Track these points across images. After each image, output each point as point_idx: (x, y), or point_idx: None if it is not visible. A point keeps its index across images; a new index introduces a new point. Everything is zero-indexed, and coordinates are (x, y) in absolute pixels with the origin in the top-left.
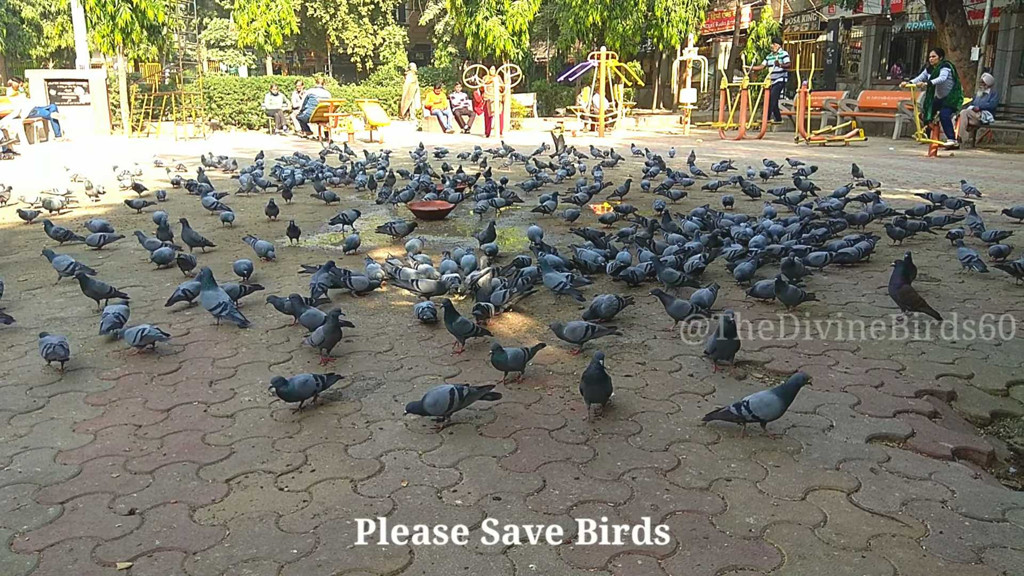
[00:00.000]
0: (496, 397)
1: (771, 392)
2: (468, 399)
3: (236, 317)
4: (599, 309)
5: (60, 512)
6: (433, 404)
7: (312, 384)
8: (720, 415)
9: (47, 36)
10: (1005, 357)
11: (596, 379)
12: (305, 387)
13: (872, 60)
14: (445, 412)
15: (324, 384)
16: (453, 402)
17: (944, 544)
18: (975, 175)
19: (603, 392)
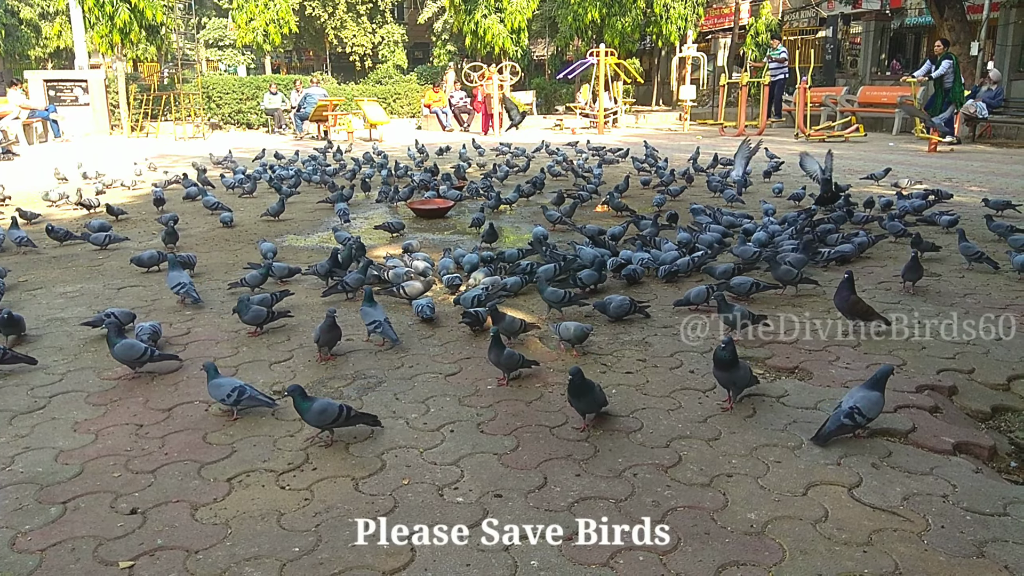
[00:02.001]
0: (377, 424)
1: (869, 389)
2: (352, 420)
3: (389, 334)
4: (607, 308)
5: (62, 512)
6: (320, 413)
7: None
8: (833, 432)
9: (46, 37)
10: (1006, 352)
11: (579, 391)
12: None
13: (871, 56)
14: (327, 424)
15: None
16: (339, 418)
17: (945, 539)
18: (975, 170)
19: (592, 403)
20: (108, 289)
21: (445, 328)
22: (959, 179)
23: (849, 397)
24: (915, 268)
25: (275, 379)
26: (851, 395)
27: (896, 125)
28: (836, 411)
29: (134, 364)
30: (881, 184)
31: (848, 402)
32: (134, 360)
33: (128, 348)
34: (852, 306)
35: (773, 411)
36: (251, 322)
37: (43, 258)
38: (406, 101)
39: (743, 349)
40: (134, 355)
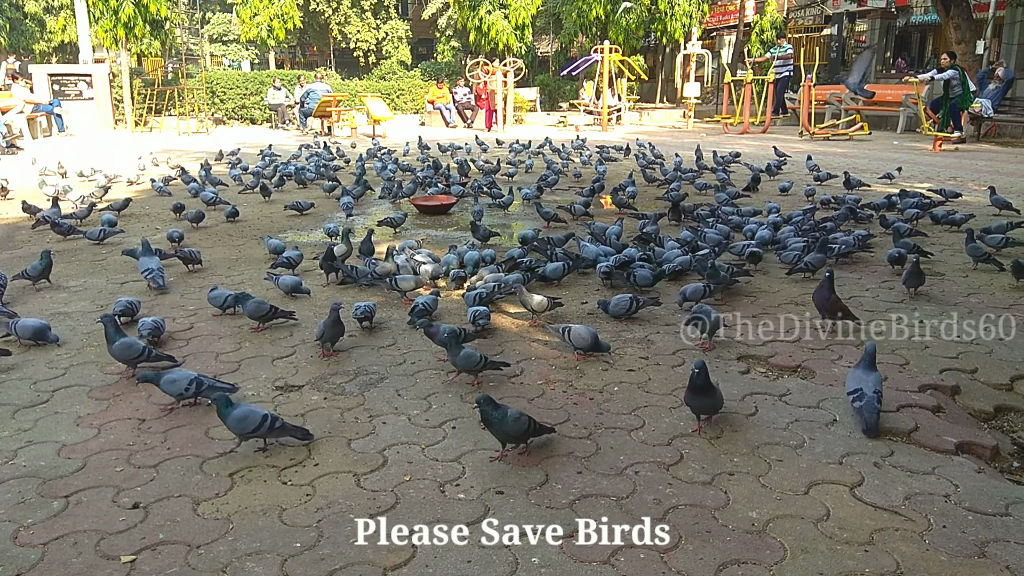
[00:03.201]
0: (309, 438)
1: (869, 369)
2: (277, 432)
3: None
4: (607, 308)
5: (64, 506)
6: (240, 420)
7: None
8: (877, 420)
9: (50, 31)
10: (1009, 352)
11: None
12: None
13: (877, 54)
14: (247, 433)
15: None
16: (261, 427)
17: (947, 538)
18: (980, 169)
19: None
20: (111, 284)
21: (447, 325)
22: (963, 178)
23: (860, 381)
24: (916, 274)
25: (278, 375)
26: (860, 379)
27: (901, 123)
28: (866, 400)
29: (131, 363)
30: (895, 184)
31: (868, 387)
32: (131, 359)
33: (126, 347)
34: (832, 305)
35: (775, 410)
36: (252, 315)
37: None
38: (410, 97)
39: (745, 348)
40: (132, 354)
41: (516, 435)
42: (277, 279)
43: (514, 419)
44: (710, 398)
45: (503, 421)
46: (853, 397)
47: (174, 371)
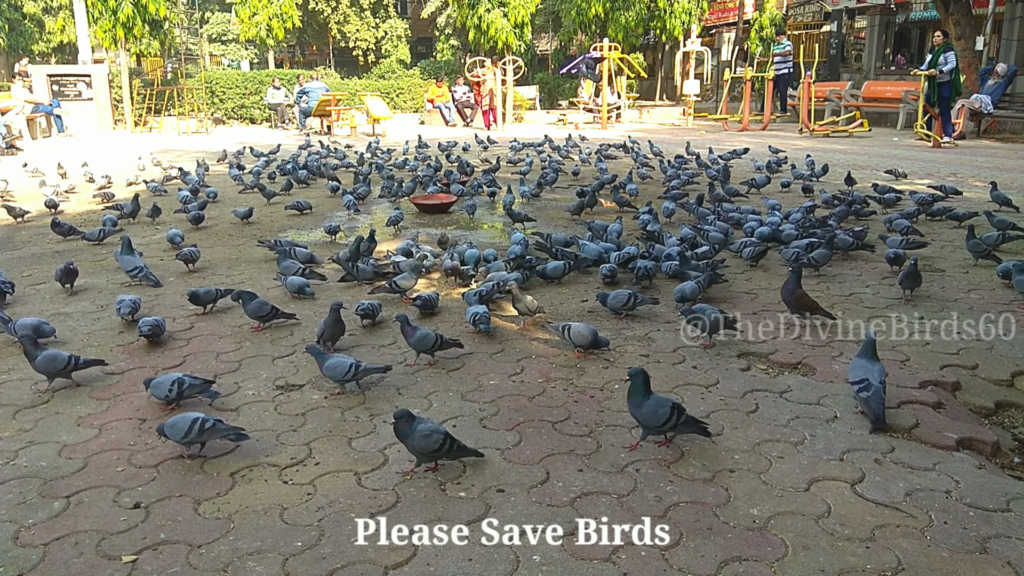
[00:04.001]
0: (244, 438)
1: (872, 360)
2: (209, 432)
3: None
4: (605, 301)
5: (65, 506)
6: (172, 427)
7: None
8: (881, 414)
9: (49, 31)
10: (1010, 347)
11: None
12: None
13: (876, 50)
14: (181, 439)
15: None
16: (191, 432)
17: (948, 534)
18: (980, 165)
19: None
20: (111, 284)
21: (447, 323)
22: (963, 174)
23: (865, 371)
24: (913, 276)
25: (278, 374)
26: (865, 369)
27: (900, 120)
28: (873, 390)
29: (57, 375)
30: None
31: (873, 377)
32: (57, 371)
33: (50, 360)
34: (797, 300)
35: (776, 406)
36: (253, 315)
37: (46, 252)
38: (409, 96)
39: (746, 345)
40: (57, 366)
41: (425, 452)
42: (285, 280)
43: (423, 436)
44: (637, 408)
45: (411, 436)
46: (859, 387)
47: (161, 376)
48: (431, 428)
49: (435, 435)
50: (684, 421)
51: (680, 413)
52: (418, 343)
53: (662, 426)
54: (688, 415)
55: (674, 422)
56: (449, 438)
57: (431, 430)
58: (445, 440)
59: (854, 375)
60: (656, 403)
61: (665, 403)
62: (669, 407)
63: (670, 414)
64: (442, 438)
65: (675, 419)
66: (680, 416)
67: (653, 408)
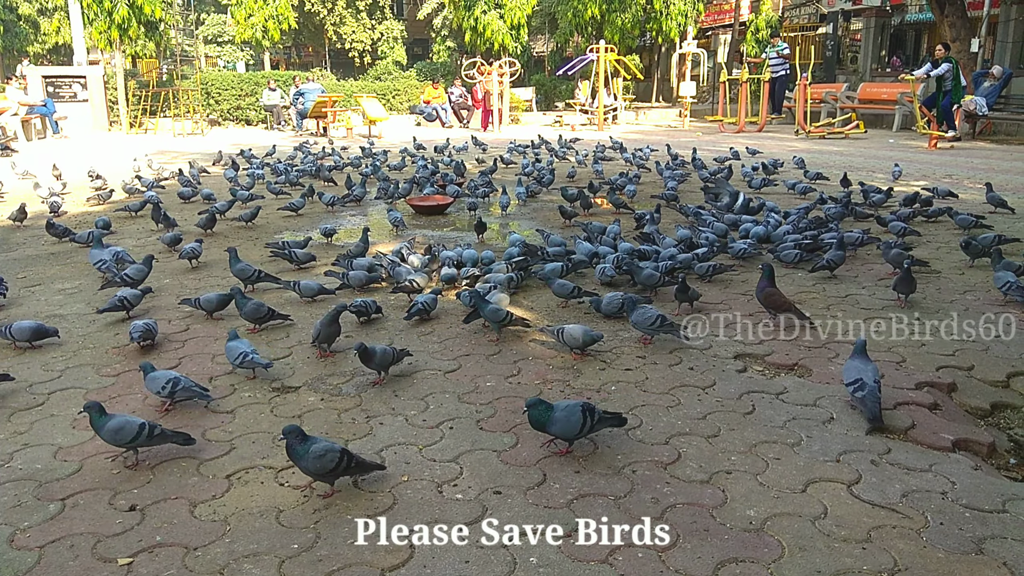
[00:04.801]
0: (191, 443)
1: (865, 360)
2: (158, 439)
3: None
4: (599, 306)
5: (61, 509)
6: (116, 432)
7: None
8: (877, 412)
9: (44, 33)
10: (1005, 349)
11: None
12: None
13: (872, 52)
14: (127, 443)
15: None
16: (139, 436)
17: (944, 535)
18: (975, 167)
19: (565, 428)
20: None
21: (444, 325)
22: (959, 176)
23: (860, 371)
24: (907, 281)
25: (273, 376)
26: (859, 370)
27: (896, 122)
28: (868, 389)
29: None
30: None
31: (868, 377)
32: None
33: (116, 430)
34: (767, 298)
35: (772, 408)
36: (249, 317)
37: (41, 254)
38: (405, 97)
39: (742, 346)
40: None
41: (319, 472)
42: (298, 284)
43: (317, 456)
44: (552, 425)
45: (304, 457)
46: (854, 388)
47: (158, 371)
48: (326, 447)
49: (330, 454)
50: (599, 419)
51: (592, 413)
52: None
53: (580, 433)
54: (601, 412)
55: (590, 424)
56: (346, 455)
57: (326, 449)
58: (342, 458)
59: (848, 376)
60: (567, 412)
61: (575, 408)
62: (579, 411)
63: (583, 419)
64: (338, 456)
65: (590, 421)
66: (594, 416)
67: (565, 418)
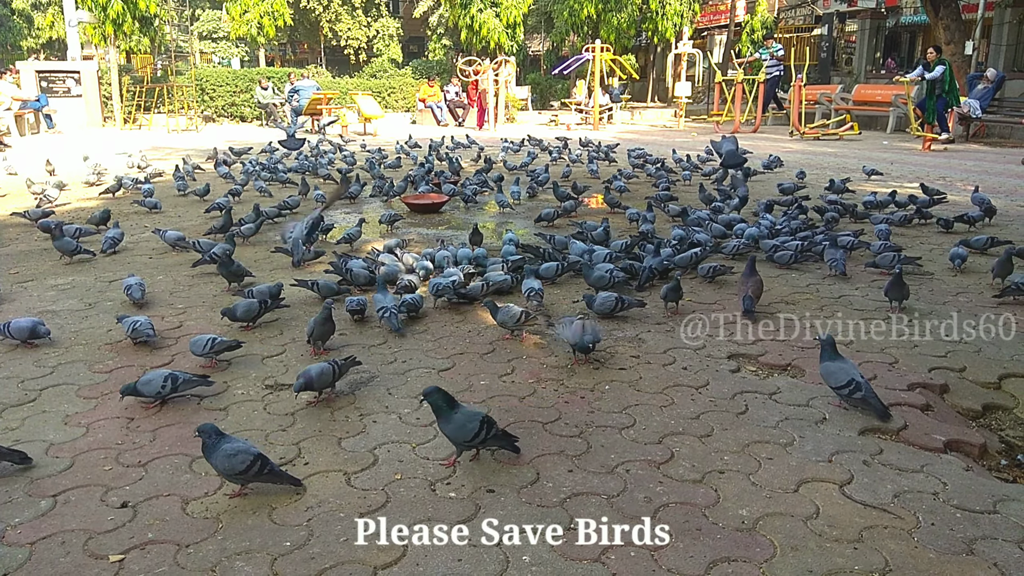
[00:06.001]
0: (27, 461)
1: (843, 359)
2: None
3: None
4: (591, 304)
5: (52, 505)
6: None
7: None
8: (882, 406)
9: (38, 27)
10: (997, 350)
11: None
12: None
13: (866, 54)
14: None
15: None
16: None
17: (936, 536)
18: (969, 169)
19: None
20: (100, 282)
21: (438, 323)
22: (952, 178)
23: (847, 372)
24: (898, 286)
25: (267, 374)
26: (845, 371)
27: (890, 124)
28: (865, 388)
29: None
30: (874, 181)
31: (857, 376)
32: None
33: (228, 456)
34: (755, 285)
35: (765, 408)
36: (243, 319)
37: (34, 250)
38: (401, 95)
39: (736, 346)
40: (235, 468)
41: (227, 472)
42: (317, 284)
43: (227, 455)
44: (446, 424)
45: (214, 454)
46: (849, 390)
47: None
48: (239, 448)
49: (242, 455)
50: (494, 435)
51: (490, 426)
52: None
53: (471, 441)
54: (499, 429)
55: (484, 436)
56: (260, 460)
57: (238, 450)
58: (254, 463)
59: (836, 379)
60: (465, 417)
61: (474, 417)
62: (478, 421)
63: (479, 428)
64: (251, 460)
65: (485, 433)
66: (490, 429)
67: (462, 423)
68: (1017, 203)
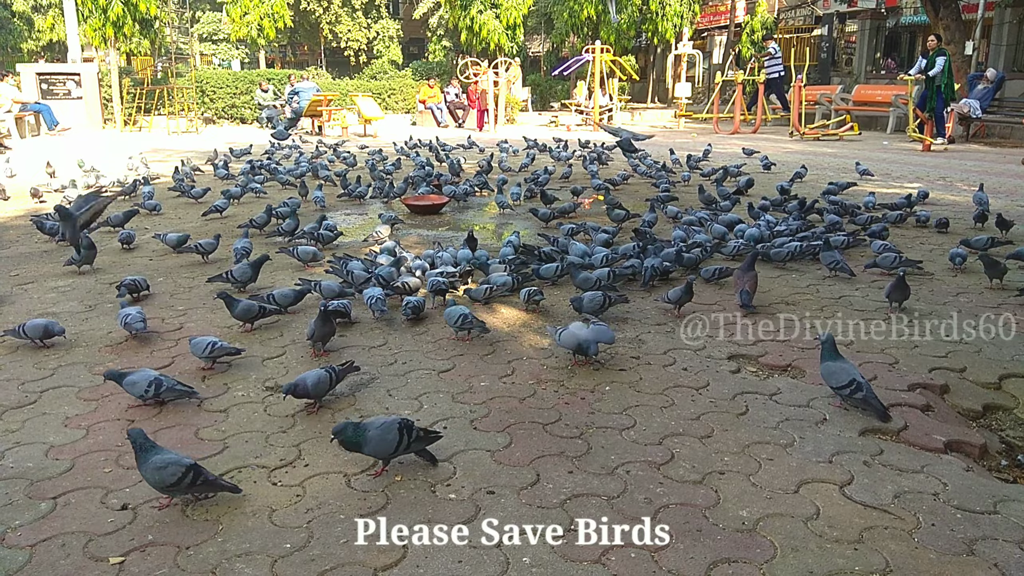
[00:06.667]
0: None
1: (843, 359)
2: None
3: None
4: (581, 304)
5: (52, 507)
6: None
7: None
8: (883, 407)
9: (38, 30)
10: (997, 351)
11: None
12: None
13: (866, 54)
14: None
15: None
16: None
17: (936, 536)
18: (969, 169)
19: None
20: (100, 284)
21: (438, 325)
22: (952, 178)
23: (848, 373)
24: (900, 288)
25: (267, 375)
26: (846, 372)
27: (890, 124)
28: (866, 388)
29: None
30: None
31: (858, 376)
32: None
33: None
34: (751, 280)
35: (766, 409)
36: (241, 317)
37: (34, 252)
38: (401, 97)
39: (736, 347)
40: None
41: (157, 485)
42: (319, 285)
43: (156, 468)
44: (367, 444)
45: (144, 466)
46: (850, 390)
47: (135, 373)
48: (170, 459)
49: (172, 467)
50: (417, 438)
51: (410, 431)
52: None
53: (395, 452)
54: (420, 429)
55: (407, 443)
56: (193, 471)
57: (168, 462)
58: (187, 473)
59: (836, 380)
60: (382, 430)
61: (391, 426)
62: (396, 429)
63: (399, 437)
64: (182, 471)
65: (407, 440)
66: (411, 434)
67: (380, 436)
68: (1017, 203)
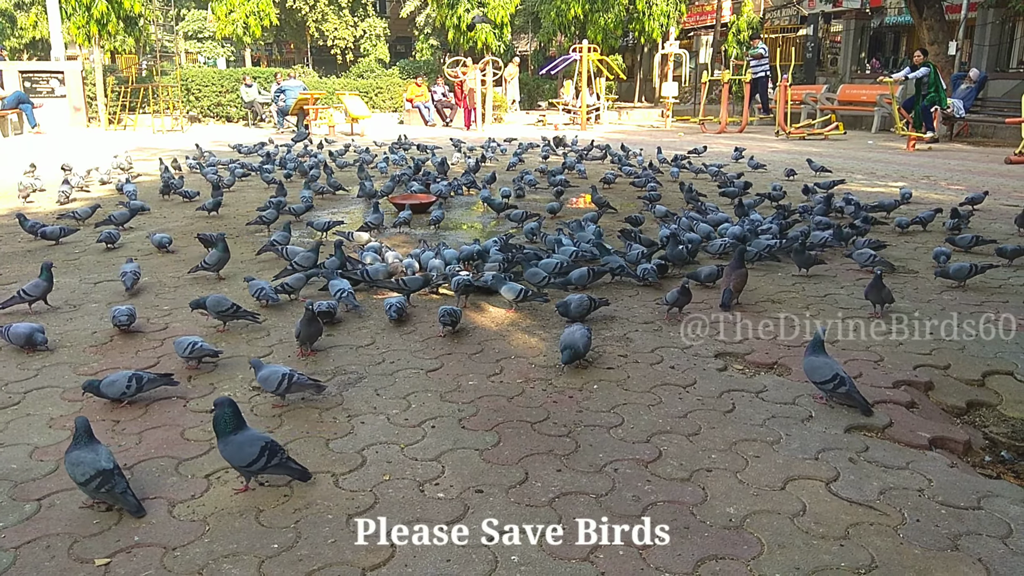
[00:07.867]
0: None
1: (827, 354)
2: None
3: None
4: (568, 308)
5: (37, 509)
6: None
7: None
8: (865, 401)
9: (21, 27)
10: (981, 348)
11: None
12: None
13: (851, 54)
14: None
15: None
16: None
17: (921, 532)
18: (953, 168)
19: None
20: (84, 283)
21: (426, 324)
22: (936, 177)
23: (831, 368)
24: (878, 289)
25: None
26: (830, 367)
27: (875, 123)
28: (849, 383)
29: None
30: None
31: (841, 371)
32: None
33: None
34: (738, 277)
35: (752, 406)
36: (212, 309)
37: (18, 252)
38: (388, 95)
39: (722, 345)
40: None
41: (74, 479)
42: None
43: (72, 464)
44: (225, 446)
45: (67, 456)
46: (834, 385)
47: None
48: (83, 459)
49: (84, 467)
50: (278, 463)
51: (273, 454)
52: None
53: (248, 466)
54: (285, 458)
55: (263, 463)
56: (110, 478)
57: (80, 460)
58: (99, 476)
59: (820, 375)
60: (245, 440)
61: (256, 441)
62: (259, 447)
63: (259, 454)
64: (93, 473)
65: (265, 460)
66: (272, 457)
67: (239, 446)
68: (1000, 202)
